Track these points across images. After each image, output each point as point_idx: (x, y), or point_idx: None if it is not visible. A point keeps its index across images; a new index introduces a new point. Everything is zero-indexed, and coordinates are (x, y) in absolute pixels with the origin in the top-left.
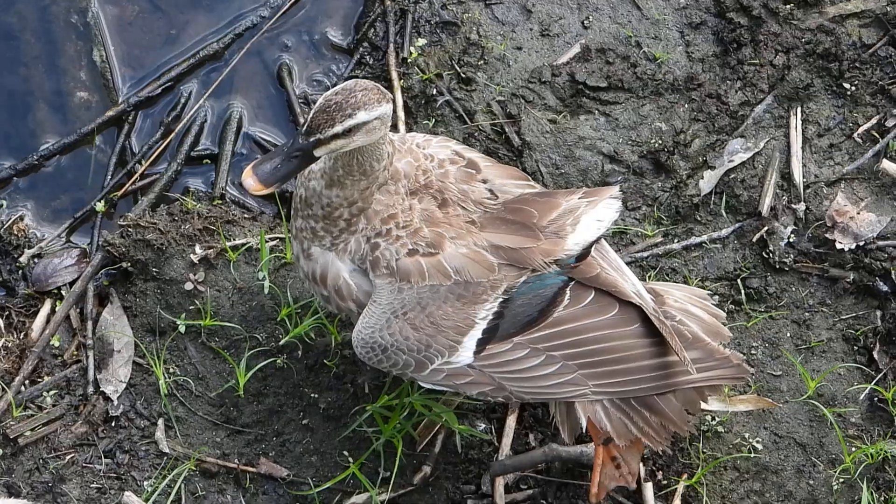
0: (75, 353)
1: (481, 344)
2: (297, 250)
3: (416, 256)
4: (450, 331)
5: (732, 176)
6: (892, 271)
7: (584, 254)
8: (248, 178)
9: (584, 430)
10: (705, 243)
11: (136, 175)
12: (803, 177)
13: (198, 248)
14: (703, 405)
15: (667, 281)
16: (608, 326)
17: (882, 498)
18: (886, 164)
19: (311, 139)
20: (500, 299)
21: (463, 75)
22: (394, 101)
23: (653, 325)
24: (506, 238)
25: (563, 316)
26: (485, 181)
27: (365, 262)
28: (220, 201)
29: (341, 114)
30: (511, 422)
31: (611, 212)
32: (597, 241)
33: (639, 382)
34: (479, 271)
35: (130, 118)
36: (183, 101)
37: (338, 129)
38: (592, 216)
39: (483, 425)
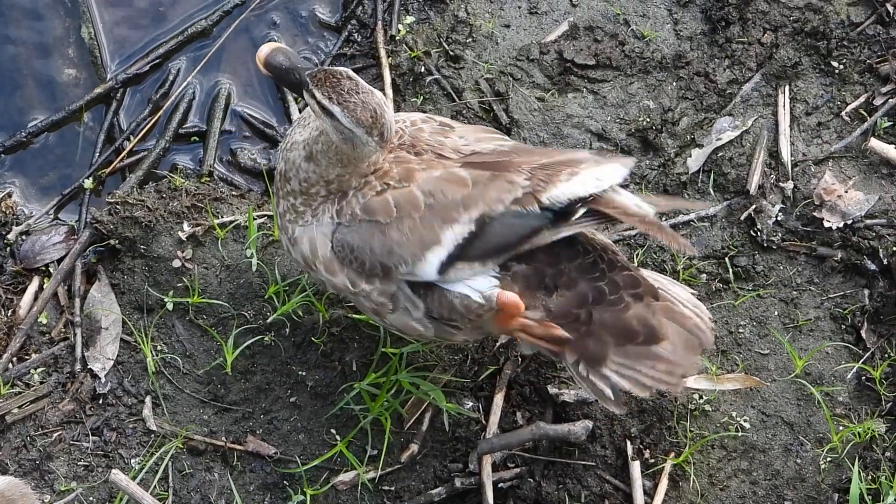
0: (63, 330)
1: (447, 264)
2: (285, 242)
3: (385, 194)
4: (415, 241)
5: (720, 154)
6: (880, 250)
7: (569, 209)
8: (265, 48)
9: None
10: (693, 221)
11: (125, 152)
12: (791, 155)
13: (185, 226)
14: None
15: (654, 259)
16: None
17: (869, 477)
18: (874, 142)
19: (309, 86)
20: (473, 224)
21: (451, 53)
22: (382, 79)
23: None
24: (481, 159)
25: (539, 253)
26: (460, 137)
27: (334, 216)
28: (207, 178)
29: (335, 98)
30: (498, 400)
31: (615, 174)
32: (588, 198)
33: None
34: (453, 189)
35: (118, 95)
36: (171, 78)
37: (323, 101)
38: (593, 173)
39: (470, 403)
